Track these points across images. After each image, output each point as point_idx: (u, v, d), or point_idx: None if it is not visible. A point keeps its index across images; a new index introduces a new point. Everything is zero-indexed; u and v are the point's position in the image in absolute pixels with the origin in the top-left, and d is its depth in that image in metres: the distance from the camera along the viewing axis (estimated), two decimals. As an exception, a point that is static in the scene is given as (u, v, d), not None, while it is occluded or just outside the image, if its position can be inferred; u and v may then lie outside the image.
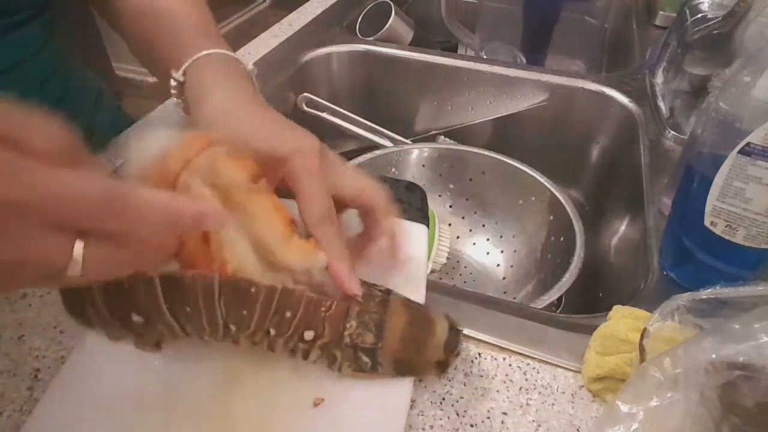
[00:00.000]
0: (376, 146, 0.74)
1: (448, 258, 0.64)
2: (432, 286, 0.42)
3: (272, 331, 0.33)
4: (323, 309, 0.34)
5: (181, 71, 0.40)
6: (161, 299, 0.31)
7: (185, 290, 0.31)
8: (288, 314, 0.33)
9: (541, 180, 0.66)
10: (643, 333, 0.34)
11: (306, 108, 0.76)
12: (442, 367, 0.37)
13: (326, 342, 0.34)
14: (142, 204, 0.23)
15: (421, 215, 0.47)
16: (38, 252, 0.21)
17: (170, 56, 0.42)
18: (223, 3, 2.69)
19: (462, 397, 0.38)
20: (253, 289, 0.32)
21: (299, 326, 0.33)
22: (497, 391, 0.38)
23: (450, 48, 0.99)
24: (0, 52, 0.49)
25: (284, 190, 0.36)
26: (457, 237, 0.72)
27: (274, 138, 0.36)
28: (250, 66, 0.42)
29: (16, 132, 0.21)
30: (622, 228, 0.64)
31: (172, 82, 0.40)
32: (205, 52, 0.40)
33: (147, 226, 0.24)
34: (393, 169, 0.73)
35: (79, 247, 0.22)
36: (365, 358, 0.35)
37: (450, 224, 0.71)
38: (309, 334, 0.34)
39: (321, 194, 0.35)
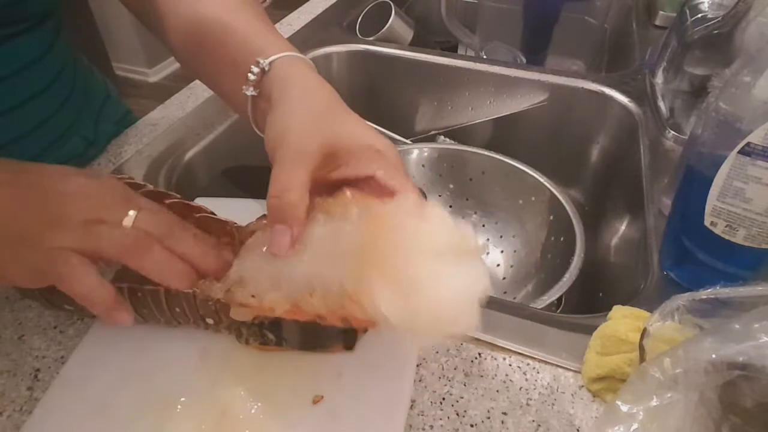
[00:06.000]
0: (376, 146, 0.73)
1: (448, 258, 0.64)
2: (432, 286, 0.42)
3: (180, 321, 0.38)
4: (210, 303, 0.36)
5: (267, 61, 0.38)
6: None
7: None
8: (177, 309, 0.37)
9: (541, 180, 0.66)
10: (643, 333, 0.34)
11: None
12: (350, 339, 0.37)
13: (229, 324, 0.37)
14: None
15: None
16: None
17: (242, 57, 0.40)
18: (223, 3, 2.67)
19: (462, 397, 0.38)
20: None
21: (197, 316, 0.37)
22: (497, 391, 0.38)
23: (450, 48, 0.99)
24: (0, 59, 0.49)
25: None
26: (457, 237, 0.72)
27: (368, 137, 0.37)
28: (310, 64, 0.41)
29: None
30: (622, 228, 0.64)
31: (253, 69, 0.38)
32: (288, 53, 0.39)
33: None
34: (393, 169, 0.72)
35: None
36: (270, 335, 0.37)
37: (450, 224, 0.71)
38: (210, 321, 0.37)
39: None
